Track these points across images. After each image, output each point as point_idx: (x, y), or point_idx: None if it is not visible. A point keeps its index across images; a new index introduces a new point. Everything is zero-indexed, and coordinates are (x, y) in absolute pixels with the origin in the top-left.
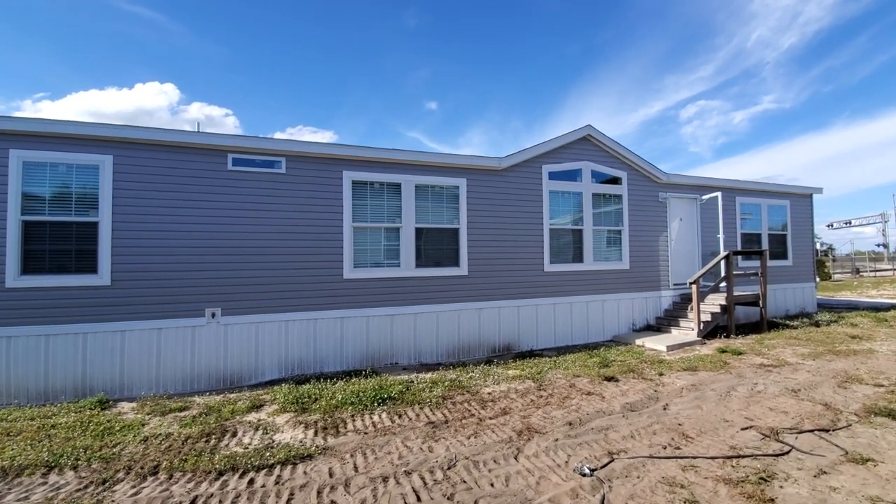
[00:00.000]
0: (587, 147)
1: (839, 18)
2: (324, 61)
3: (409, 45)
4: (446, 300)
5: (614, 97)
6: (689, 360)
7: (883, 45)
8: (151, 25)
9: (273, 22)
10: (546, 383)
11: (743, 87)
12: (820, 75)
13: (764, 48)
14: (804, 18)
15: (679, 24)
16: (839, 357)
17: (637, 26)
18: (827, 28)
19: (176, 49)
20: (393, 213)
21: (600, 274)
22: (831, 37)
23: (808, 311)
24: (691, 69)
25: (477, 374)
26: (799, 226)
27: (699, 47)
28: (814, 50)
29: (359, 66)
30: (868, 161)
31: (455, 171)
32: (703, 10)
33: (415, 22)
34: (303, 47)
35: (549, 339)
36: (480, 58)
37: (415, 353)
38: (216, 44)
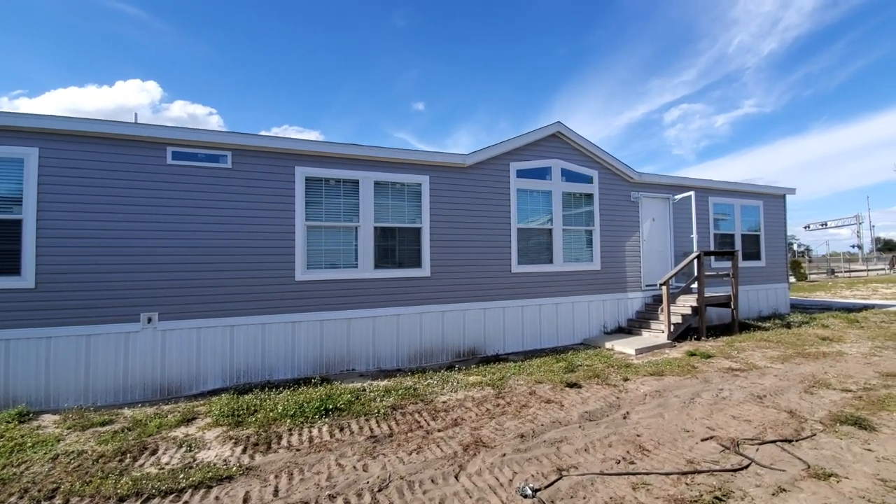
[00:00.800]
0: (557, 144)
1: (818, 25)
2: (312, 61)
3: (398, 45)
4: (408, 302)
5: (601, 99)
6: (657, 364)
7: (860, 52)
8: (135, 23)
9: (260, 22)
10: (506, 391)
11: (725, 91)
12: (799, 80)
13: (745, 53)
14: (784, 25)
15: (664, 28)
16: (808, 360)
17: (624, 29)
18: (806, 34)
19: (160, 47)
20: (350, 212)
21: (570, 275)
22: (810, 43)
23: (781, 311)
24: (675, 73)
25: (435, 381)
26: (772, 226)
27: (683, 51)
28: (793, 56)
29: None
30: (845, 164)
31: (417, 167)
32: (687, 15)
33: (405, 23)
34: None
35: (517, 343)
36: (470, 59)
37: (373, 358)
38: (202, 42)
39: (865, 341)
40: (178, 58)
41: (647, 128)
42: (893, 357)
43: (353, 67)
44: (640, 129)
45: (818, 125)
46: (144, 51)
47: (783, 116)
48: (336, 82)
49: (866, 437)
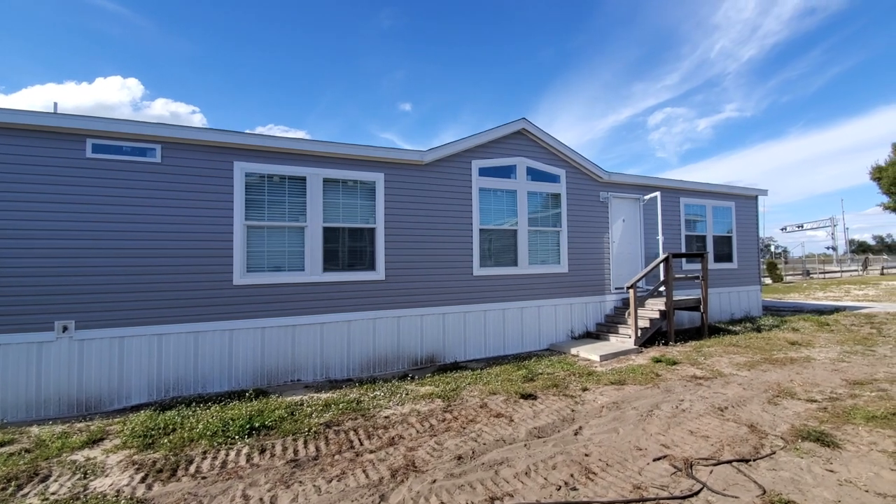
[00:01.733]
0: (522, 142)
1: (795, 32)
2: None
3: (384, 46)
4: (360, 308)
5: (586, 102)
6: (620, 371)
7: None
8: (115, 19)
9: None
10: (456, 403)
11: (707, 95)
12: (777, 86)
13: (726, 59)
14: (763, 32)
15: (648, 33)
16: (775, 366)
17: (608, 33)
18: (784, 42)
19: (142, 44)
20: (296, 211)
21: (536, 278)
22: (788, 50)
23: (753, 314)
24: (658, 77)
25: (383, 393)
26: (744, 228)
27: (666, 56)
28: (772, 62)
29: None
30: (821, 168)
31: (371, 164)
32: (670, 20)
33: (390, 23)
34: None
35: (479, 349)
36: (456, 60)
37: (321, 367)
38: (184, 40)
39: (834, 346)
40: (161, 55)
41: (631, 131)
42: (861, 363)
43: (339, 67)
44: (624, 132)
45: (795, 130)
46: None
47: (762, 121)
48: (321, 82)
49: (829, 456)
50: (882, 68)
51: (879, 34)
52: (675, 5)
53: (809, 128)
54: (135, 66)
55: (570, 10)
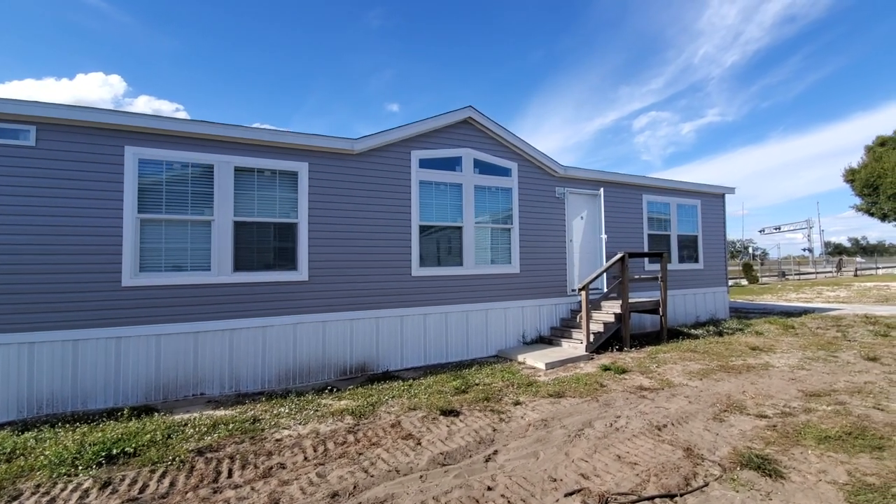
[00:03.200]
0: (469, 132)
1: (776, 39)
2: (285, 59)
3: (372, 46)
4: (279, 312)
5: (573, 106)
6: (563, 381)
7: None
8: (97, 14)
9: (231, 19)
10: (366, 422)
11: (690, 100)
12: (758, 92)
13: (709, 64)
14: (745, 38)
15: (634, 37)
16: (730, 375)
17: (595, 36)
18: (765, 48)
19: (125, 41)
20: (202, 203)
21: (484, 279)
22: (769, 56)
23: (719, 317)
24: (644, 81)
25: (290, 409)
26: (711, 227)
27: (651, 60)
28: (753, 68)
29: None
30: (800, 172)
31: (293, 152)
32: (655, 25)
33: (379, 23)
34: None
35: (419, 357)
36: (444, 62)
37: (230, 379)
38: (168, 37)
39: (797, 351)
40: (145, 52)
41: (616, 134)
42: (822, 370)
43: (326, 66)
44: (610, 134)
45: (776, 135)
46: (108, 44)
47: (744, 126)
48: (309, 81)
49: (769, 489)
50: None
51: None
52: (661, 10)
53: (789, 133)
54: (118, 62)
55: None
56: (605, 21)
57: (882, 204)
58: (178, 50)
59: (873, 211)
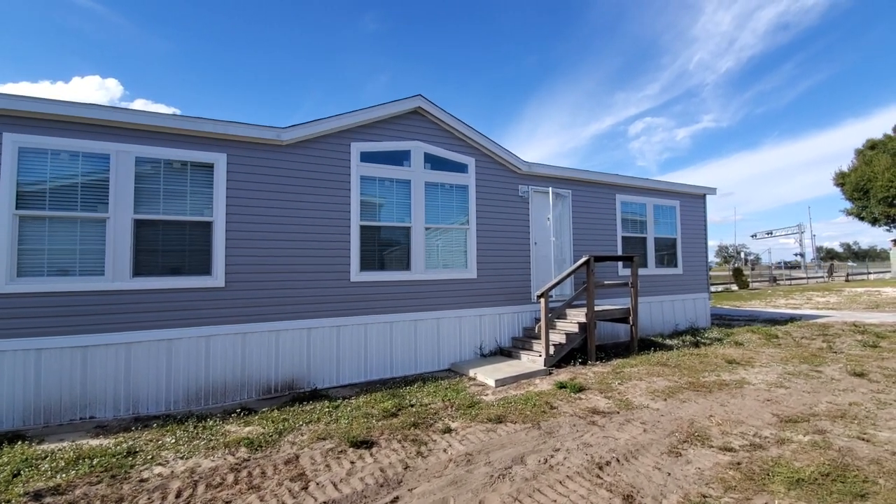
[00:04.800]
0: (420, 123)
1: (770, 46)
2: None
3: (368, 48)
4: (188, 322)
5: (569, 110)
6: (510, 402)
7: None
8: (92, 17)
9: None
10: (261, 455)
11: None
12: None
13: (704, 70)
14: (739, 45)
15: (629, 43)
16: (700, 394)
17: (591, 42)
18: (759, 55)
19: (121, 44)
20: (95, 198)
21: (436, 285)
22: (763, 63)
23: (699, 325)
24: (639, 87)
25: (177, 439)
26: (690, 230)
27: (647, 66)
28: (747, 74)
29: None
30: (793, 178)
31: (209, 141)
32: (650, 31)
33: (375, 26)
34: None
35: (358, 372)
36: (439, 67)
37: (128, 400)
38: (163, 40)
39: (777, 365)
40: (140, 55)
41: (612, 139)
42: (802, 388)
43: (323, 69)
44: (606, 140)
45: (769, 140)
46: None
47: (738, 132)
48: (305, 84)
49: None
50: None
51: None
52: (656, 16)
53: (783, 138)
54: (114, 65)
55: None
56: (600, 27)
57: (872, 208)
58: (174, 52)
59: (864, 215)
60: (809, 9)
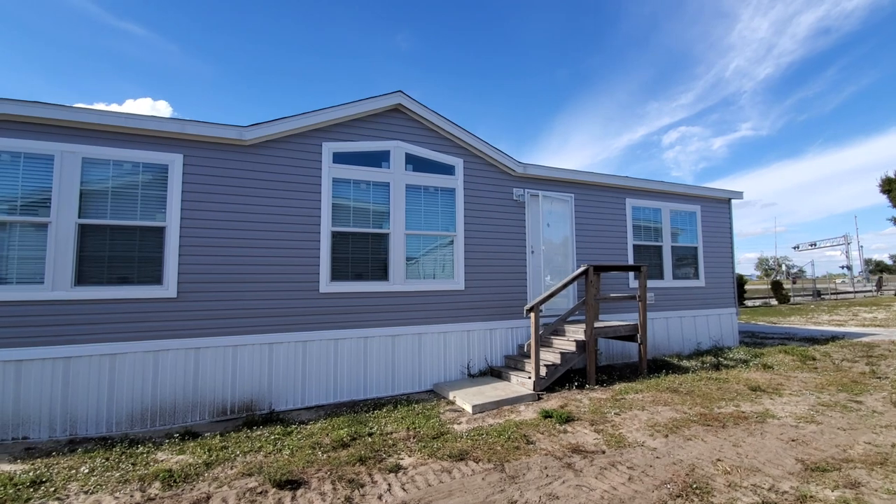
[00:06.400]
0: (400, 122)
1: (811, 51)
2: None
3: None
4: (134, 336)
5: (600, 122)
6: (482, 433)
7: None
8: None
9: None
10: (169, 494)
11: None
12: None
13: (741, 78)
14: (778, 51)
15: (662, 54)
16: (710, 430)
17: (623, 54)
18: (799, 60)
19: (169, 68)
20: (36, 201)
21: (418, 297)
22: (804, 68)
23: (725, 344)
24: (673, 96)
25: (94, 467)
26: (714, 237)
27: (681, 76)
28: (788, 81)
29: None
30: (839, 187)
31: (163, 141)
32: (684, 41)
33: (407, 45)
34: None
35: (326, 392)
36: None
37: (65, 420)
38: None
39: (810, 392)
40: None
41: (646, 149)
42: (837, 424)
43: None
44: (639, 150)
45: (813, 149)
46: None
47: (779, 140)
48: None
49: None
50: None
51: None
52: (689, 26)
53: (827, 146)
54: (164, 89)
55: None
56: (632, 39)
57: None
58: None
59: None
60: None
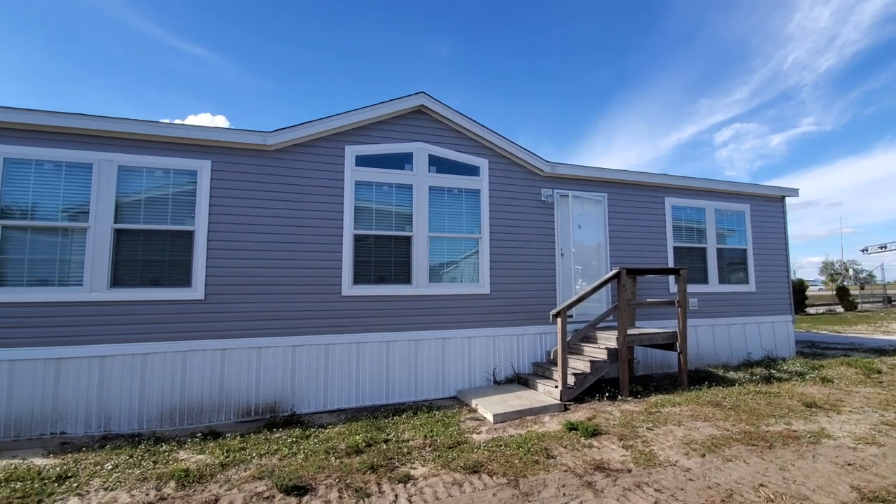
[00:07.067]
0: (423, 123)
1: (877, 41)
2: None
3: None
4: (164, 337)
5: (645, 122)
6: (501, 444)
7: None
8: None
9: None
10: (181, 495)
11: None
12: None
13: (801, 70)
14: (841, 41)
15: (712, 48)
16: (755, 450)
17: (668, 51)
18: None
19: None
20: (77, 207)
21: (441, 301)
22: (870, 59)
23: (778, 354)
24: (725, 92)
25: (117, 464)
26: (765, 239)
27: (734, 70)
28: (852, 72)
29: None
30: None
31: (192, 148)
32: (737, 33)
33: (447, 52)
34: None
35: (349, 395)
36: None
37: (99, 417)
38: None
39: (873, 410)
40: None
41: (696, 148)
42: None
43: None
44: (688, 149)
45: (882, 144)
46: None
47: (844, 135)
48: None
49: None
50: None
51: None
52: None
53: None
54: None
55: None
56: (678, 34)
57: None
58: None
59: None
60: None
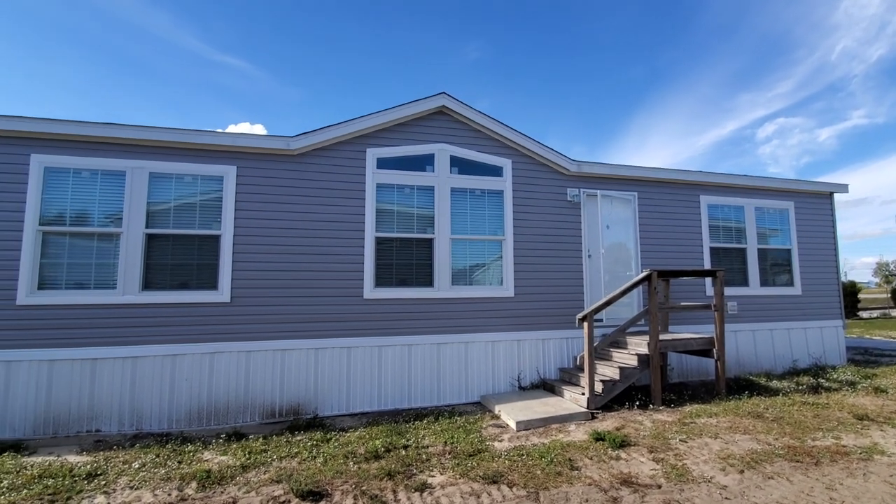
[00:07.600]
0: (444, 124)
1: None
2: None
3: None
4: (192, 338)
5: (682, 119)
6: (521, 453)
7: None
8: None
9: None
10: (201, 496)
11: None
12: None
13: (850, 60)
14: (892, 28)
15: (753, 40)
16: (800, 467)
17: (706, 45)
18: None
19: (263, 94)
20: (111, 213)
21: (464, 304)
22: None
23: (828, 362)
24: (768, 86)
25: (144, 463)
26: (812, 238)
27: (776, 63)
28: None
29: None
30: None
31: (218, 154)
32: (779, 24)
33: (477, 55)
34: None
35: (369, 400)
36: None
37: (132, 415)
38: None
39: None
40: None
41: (737, 145)
42: None
43: None
44: (728, 146)
45: None
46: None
47: None
48: None
49: None
50: None
51: None
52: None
53: None
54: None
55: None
56: (717, 27)
57: None
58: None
59: None
60: None
